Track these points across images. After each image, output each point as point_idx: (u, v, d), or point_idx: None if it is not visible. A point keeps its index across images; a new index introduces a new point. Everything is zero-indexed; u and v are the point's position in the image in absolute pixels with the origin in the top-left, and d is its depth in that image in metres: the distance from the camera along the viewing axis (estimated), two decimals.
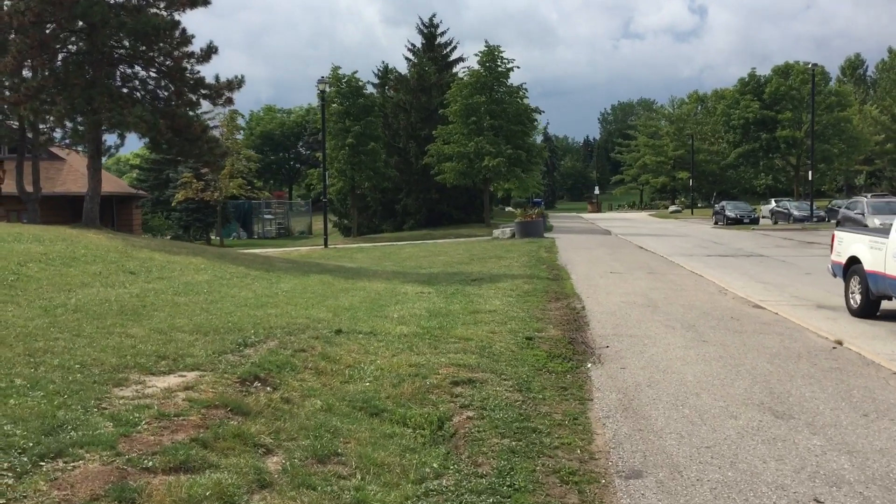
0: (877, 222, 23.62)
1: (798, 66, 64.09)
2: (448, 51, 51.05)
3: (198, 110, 21.64)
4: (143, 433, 4.60)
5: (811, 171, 42.93)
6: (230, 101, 20.59)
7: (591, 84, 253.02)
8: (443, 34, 50.96)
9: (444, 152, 40.68)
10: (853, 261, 10.98)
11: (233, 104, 21.75)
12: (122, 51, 19.42)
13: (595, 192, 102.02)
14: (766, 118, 63.75)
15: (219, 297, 10.23)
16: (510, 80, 41.49)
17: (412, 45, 51.37)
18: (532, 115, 42.24)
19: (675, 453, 4.96)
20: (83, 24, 18.26)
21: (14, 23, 17.71)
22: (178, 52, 19.22)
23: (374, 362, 6.99)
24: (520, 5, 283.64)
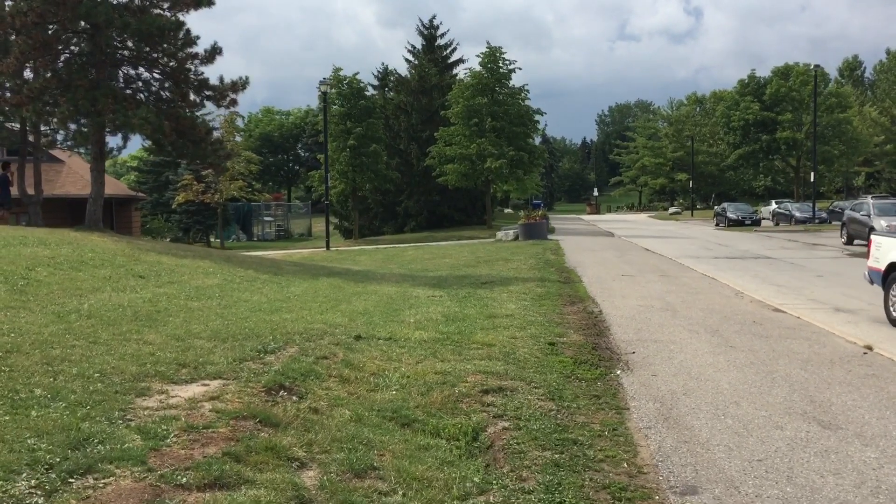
0: (883, 224, 23.36)
1: (798, 68, 63.94)
2: (448, 52, 50.84)
3: (201, 111, 21.47)
4: (174, 447, 4.42)
5: (813, 173, 42.67)
6: (234, 102, 20.34)
7: (587, 86, 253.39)
8: (443, 35, 50.78)
9: (445, 154, 40.44)
10: (893, 267, 10.23)
11: (237, 106, 21.51)
12: (125, 52, 19.16)
13: (594, 193, 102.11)
14: (766, 119, 63.59)
15: (231, 302, 10.03)
16: (511, 82, 41.36)
17: (412, 46, 51.21)
18: (533, 117, 42.07)
19: (727, 467, 4.76)
20: (86, 24, 17.99)
21: (16, 23, 17.42)
22: (183, 53, 18.96)
23: (398, 369, 6.81)
24: (515, 7, 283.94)
